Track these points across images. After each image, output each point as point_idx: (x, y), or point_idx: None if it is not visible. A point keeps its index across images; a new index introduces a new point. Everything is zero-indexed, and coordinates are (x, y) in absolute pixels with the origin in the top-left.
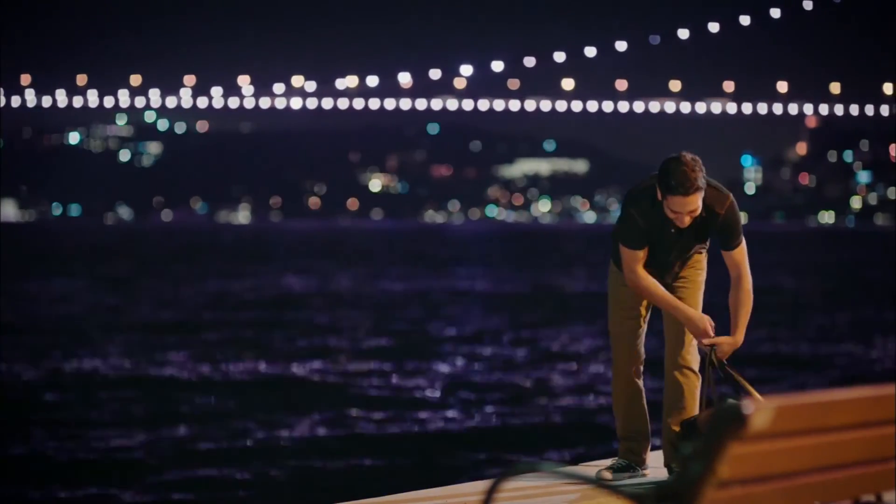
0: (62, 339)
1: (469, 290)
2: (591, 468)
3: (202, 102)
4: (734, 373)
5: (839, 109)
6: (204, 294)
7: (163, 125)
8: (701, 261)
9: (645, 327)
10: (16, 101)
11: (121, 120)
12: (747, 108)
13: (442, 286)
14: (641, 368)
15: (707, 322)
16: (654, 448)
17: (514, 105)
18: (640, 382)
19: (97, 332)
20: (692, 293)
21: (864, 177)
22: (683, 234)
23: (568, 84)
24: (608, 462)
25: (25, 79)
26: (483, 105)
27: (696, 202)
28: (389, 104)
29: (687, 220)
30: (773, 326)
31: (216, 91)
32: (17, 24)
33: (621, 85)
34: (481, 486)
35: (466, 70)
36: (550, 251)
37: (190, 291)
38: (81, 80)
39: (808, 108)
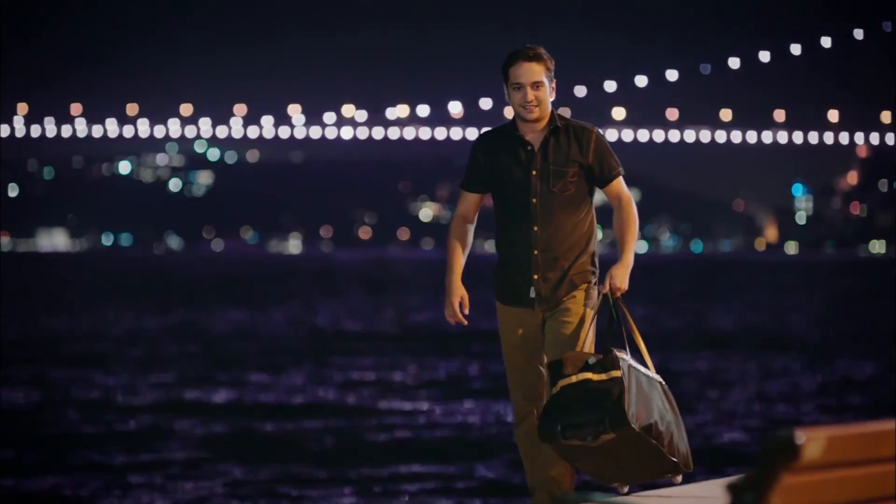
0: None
1: None
2: (644, 499)
3: (253, 132)
4: (629, 319)
5: (890, 138)
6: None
7: (213, 155)
8: (586, 289)
9: (543, 359)
10: (66, 131)
11: (171, 149)
12: (798, 137)
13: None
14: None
15: (458, 299)
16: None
17: None
18: None
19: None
20: (570, 329)
21: None
22: (546, 157)
23: (619, 113)
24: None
25: (76, 108)
26: None
27: (539, 73)
28: (440, 133)
29: (532, 102)
30: (820, 360)
31: (267, 120)
32: (69, 54)
33: (672, 114)
34: None
35: None
36: None
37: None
38: (132, 109)
39: (859, 137)
